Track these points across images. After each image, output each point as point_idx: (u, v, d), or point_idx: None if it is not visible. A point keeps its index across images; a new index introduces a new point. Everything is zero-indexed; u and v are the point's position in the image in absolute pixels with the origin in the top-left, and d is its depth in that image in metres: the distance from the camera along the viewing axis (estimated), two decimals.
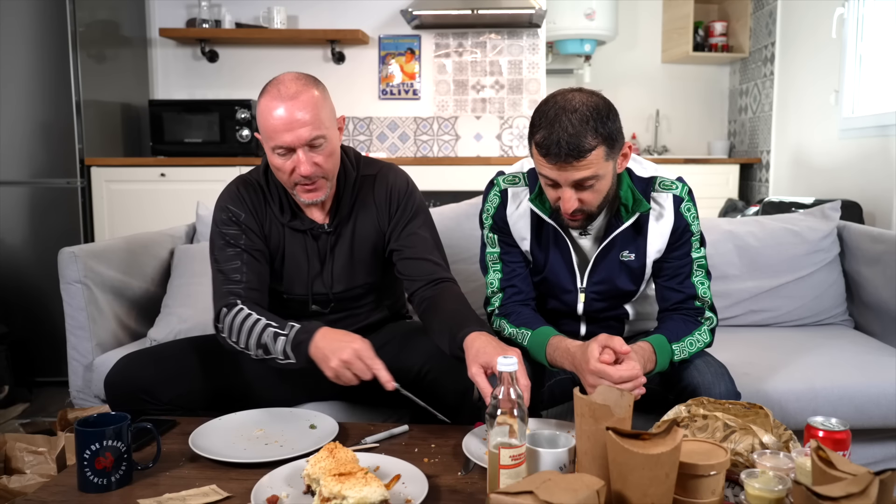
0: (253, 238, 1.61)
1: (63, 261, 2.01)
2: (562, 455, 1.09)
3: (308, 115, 1.46)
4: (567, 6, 4.48)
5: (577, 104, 1.38)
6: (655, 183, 1.55)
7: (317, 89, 1.51)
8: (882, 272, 2.14)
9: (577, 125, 1.35)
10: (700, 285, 1.57)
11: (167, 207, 3.43)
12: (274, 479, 1.20)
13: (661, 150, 4.96)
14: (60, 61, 3.24)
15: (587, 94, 1.42)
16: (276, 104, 1.46)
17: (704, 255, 1.59)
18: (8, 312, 3.20)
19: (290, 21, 4.02)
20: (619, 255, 1.56)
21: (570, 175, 1.39)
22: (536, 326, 1.55)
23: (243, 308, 1.51)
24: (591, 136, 1.36)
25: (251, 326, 1.48)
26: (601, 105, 1.40)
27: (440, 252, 1.67)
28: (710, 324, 1.57)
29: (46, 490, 1.22)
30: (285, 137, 1.46)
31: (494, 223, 1.63)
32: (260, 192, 1.64)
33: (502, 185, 1.63)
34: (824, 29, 3.55)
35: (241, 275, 1.56)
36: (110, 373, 1.55)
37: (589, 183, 1.40)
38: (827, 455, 0.94)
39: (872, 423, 1.77)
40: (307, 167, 1.49)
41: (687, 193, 1.55)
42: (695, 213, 1.56)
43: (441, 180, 3.57)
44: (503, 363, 1.09)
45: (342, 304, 1.68)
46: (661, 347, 1.48)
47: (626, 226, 1.52)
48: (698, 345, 1.54)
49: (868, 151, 3.22)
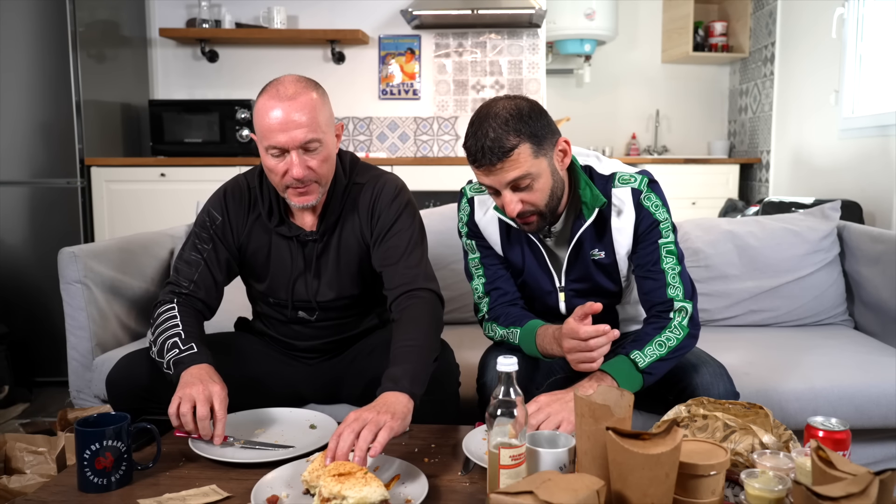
0: (219, 248, 1.62)
1: (63, 261, 2.01)
2: (562, 455, 1.09)
3: (304, 117, 1.45)
4: (567, 6, 4.48)
5: (499, 109, 1.41)
6: (615, 179, 1.54)
7: (316, 92, 1.49)
8: (882, 272, 2.14)
9: (498, 128, 1.39)
10: (671, 270, 1.52)
11: (167, 207, 3.43)
12: (274, 479, 1.20)
13: (661, 150, 4.96)
14: (60, 61, 3.24)
15: (511, 98, 1.44)
16: (273, 104, 1.45)
17: (674, 240, 1.55)
18: (8, 312, 3.20)
19: (290, 21, 4.02)
20: (589, 253, 1.57)
21: (502, 177, 1.41)
22: (525, 322, 1.57)
23: (174, 307, 1.53)
24: (512, 136, 1.38)
25: (165, 328, 1.49)
26: (523, 106, 1.42)
27: (418, 257, 1.59)
28: (683, 316, 1.50)
29: (46, 490, 1.22)
30: (279, 138, 1.44)
31: (469, 230, 1.66)
32: (247, 196, 1.63)
33: (469, 193, 1.65)
34: (824, 29, 3.56)
35: (191, 282, 1.59)
36: (112, 371, 1.56)
37: (525, 183, 1.42)
38: (827, 455, 0.94)
39: (872, 423, 1.77)
40: (300, 170, 1.47)
41: (646, 185, 1.53)
42: (657, 201, 1.53)
43: (441, 180, 3.57)
44: (503, 363, 1.09)
45: (328, 314, 1.66)
46: (617, 369, 1.43)
47: (589, 224, 1.52)
48: (671, 343, 1.47)
49: (868, 151, 3.22)
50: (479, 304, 1.66)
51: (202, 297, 1.59)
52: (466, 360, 1.67)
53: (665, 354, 1.47)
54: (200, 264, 1.61)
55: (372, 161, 3.63)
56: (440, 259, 2.15)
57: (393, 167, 3.56)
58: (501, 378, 1.09)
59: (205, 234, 1.62)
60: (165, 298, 1.57)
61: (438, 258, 2.11)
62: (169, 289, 1.59)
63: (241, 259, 1.66)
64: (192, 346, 1.45)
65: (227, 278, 1.66)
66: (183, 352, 1.44)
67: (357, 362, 1.67)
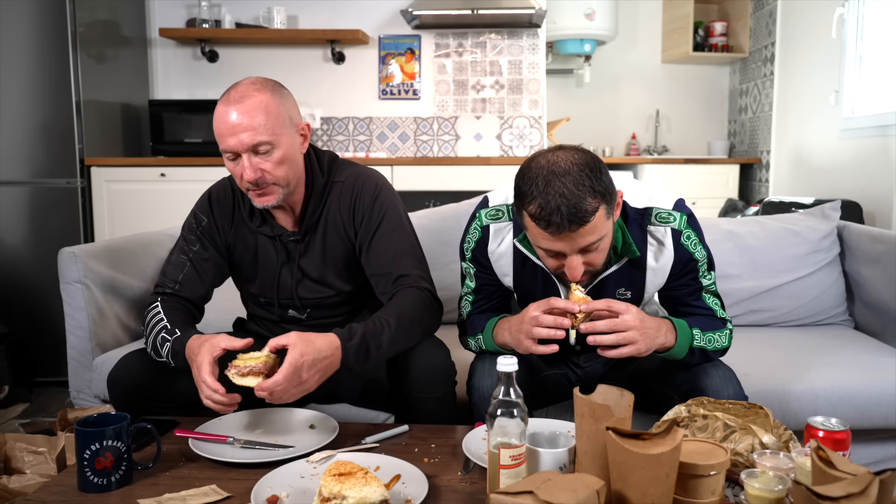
0: (207, 247, 1.63)
1: (63, 261, 2.01)
2: (562, 455, 1.09)
3: (250, 120, 1.44)
4: (567, 6, 4.48)
5: (566, 165, 1.27)
6: (651, 215, 1.45)
7: (270, 93, 1.47)
8: (882, 272, 2.13)
9: (573, 188, 1.25)
10: (714, 306, 1.51)
11: (167, 207, 3.43)
12: (274, 479, 1.20)
13: (661, 150, 4.96)
14: (60, 61, 3.24)
15: (570, 151, 1.32)
16: (223, 108, 1.46)
17: (714, 280, 1.51)
18: (8, 312, 3.20)
19: (290, 21, 4.02)
20: (614, 293, 1.49)
21: (576, 243, 1.29)
22: (484, 325, 1.54)
23: (157, 306, 1.55)
24: (590, 198, 1.25)
25: (153, 326, 1.52)
26: (590, 161, 1.29)
27: (408, 256, 1.58)
28: (731, 332, 1.51)
29: (46, 490, 1.22)
30: (229, 141, 1.45)
31: (474, 257, 1.57)
32: (231, 198, 1.65)
33: (484, 220, 1.53)
34: (824, 29, 3.56)
35: (175, 282, 1.61)
36: (113, 370, 1.57)
37: (594, 246, 1.31)
38: (827, 455, 0.94)
39: (872, 423, 1.77)
40: (250, 172, 1.46)
41: (686, 224, 1.45)
42: (696, 239, 1.46)
43: (441, 180, 3.57)
44: (503, 363, 1.09)
45: (318, 311, 1.67)
46: (682, 328, 1.42)
47: (617, 268, 1.46)
48: (718, 343, 1.47)
49: (868, 151, 3.22)
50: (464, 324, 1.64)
51: (187, 296, 1.61)
52: (464, 361, 1.67)
53: (709, 350, 1.47)
54: (186, 265, 1.63)
55: (372, 161, 3.64)
56: (439, 259, 2.15)
57: (393, 167, 3.56)
58: (501, 378, 1.09)
59: (192, 235, 1.64)
60: (150, 301, 1.59)
61: (437, 258, 2.11)
62: (155, 291, 1.62)
63: (231, 260, 1.67)
64: (177, 332, 1.48)
65: (215, 277, 1.67)
66: (173, 342, 1.47)
67: None
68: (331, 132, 4.14)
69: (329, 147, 4.14)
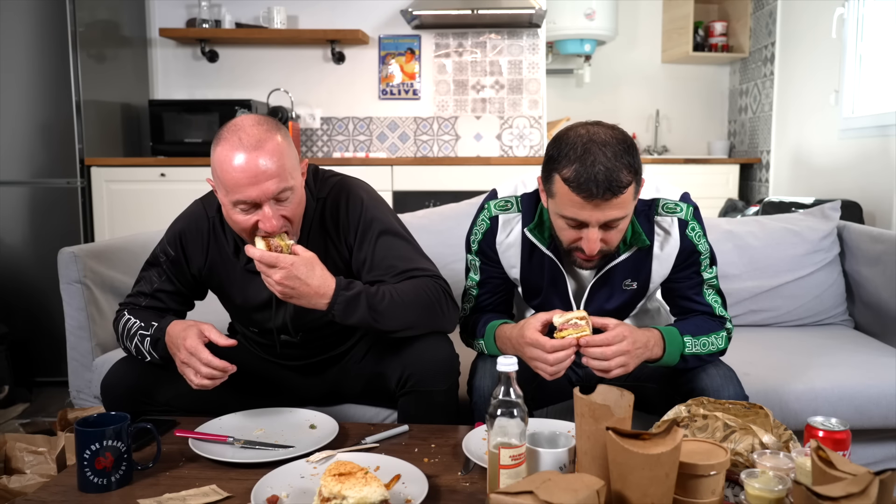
0: (173, 281, 1.57)
1: (63, 261, 2.01)
2: (562, 455, 1.09)
3: (274, 165, 1.31)
4: (567, 6, 4.48)
5: (606, 136, 1.29)
6: (658, 206, 1.47)
7: (279, 134, 1.36)
8: (882, 272, 2.14)
9: (613, 159, 1.26)
10: (714, 303, 1.52)
11: (167, 207, 3.38)
12: (274, 479, 1.20)
13: (661, 150, 4.96)
14: (60, 61, 3.24)
15: (609, 126, 1.33)
16: (236, 154, 1.31)
17: (716, 275, 1.53)
18: (8, 312, 3.20)
19: (290, 21, 4.02)
20: (620, 283, 1.50)
21: (604, 214, 1.30)
22: (484, 330, 1.55)
23: (125, 312, 1.55)
24: (626, 171, 1.27)
25: (128, 331, 1.51)
26: (628, 139, 1.32)
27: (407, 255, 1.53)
28: (729, 333, 1.52)
29: (46, 490, 1.22)
30: (250, 192, 1.31)
31: (481, 249, 1.57)
32: (206, 231, 1.54)
33: (493, 210, 1.53)
34: (824, 29, 3.55)
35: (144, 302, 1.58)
36: (107, 376, 1.54)
37: (615, 223, 1.33)
38: (827, 455, 0.94)
39: (872, 423, 1.77)
40: (273, 223, 1.34)
41: (692, 215, 1.48)
42: (700, 231, 1.48)
43: (441, 180, 3.57)
44: (503, 363, 1.09)
45: (312, 333, 1.60)
46: (672, 337, 1.43)
47: (626, 256, 1.46)
48: (712, 346, 1.48)
49: (868, 151, 3.22)
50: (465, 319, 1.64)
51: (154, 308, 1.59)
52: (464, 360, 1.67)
53: (703, 354, 1.47)
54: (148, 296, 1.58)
55: (372, 161, 3.64)
56: (439, 259, 2.13)
57: (393, 167, 3.56)
58: (501, 378, 1.09)
59: (157, 267, 1.58)
60: (117, 314, 1.57)
61: (437, 258, 2.08)
62: (127, 301, 1.59)
63: (209, 287, 1.63)
64: (153, 324, 1.47)
65: (180, 307, 1.62)
66: (152, 333, 1.46)
67: (355, 363, 1.67)
68: (331, 132, 4.14)
69: (329, 147, 4.14)
